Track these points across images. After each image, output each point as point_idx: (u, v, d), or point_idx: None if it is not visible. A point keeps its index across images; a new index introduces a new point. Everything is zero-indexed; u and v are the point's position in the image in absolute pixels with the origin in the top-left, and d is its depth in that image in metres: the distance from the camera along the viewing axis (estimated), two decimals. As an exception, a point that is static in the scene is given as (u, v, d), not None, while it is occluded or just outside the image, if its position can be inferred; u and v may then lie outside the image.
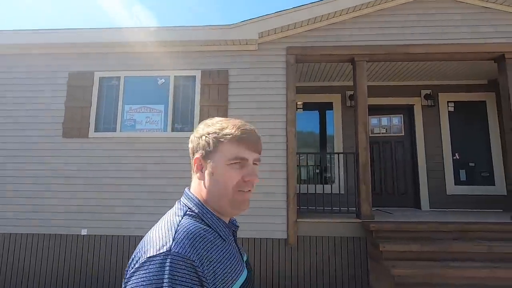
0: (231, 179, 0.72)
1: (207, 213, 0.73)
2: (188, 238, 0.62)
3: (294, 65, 4.43)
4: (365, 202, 4.15)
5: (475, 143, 5.96)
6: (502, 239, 3.50)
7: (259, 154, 0.77)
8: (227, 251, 0.70)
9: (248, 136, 0.74)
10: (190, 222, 0.68)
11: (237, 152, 0.73)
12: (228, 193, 0.72)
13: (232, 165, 0.72)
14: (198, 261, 0.59)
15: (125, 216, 4.20)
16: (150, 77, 4.56)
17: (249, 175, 0.73)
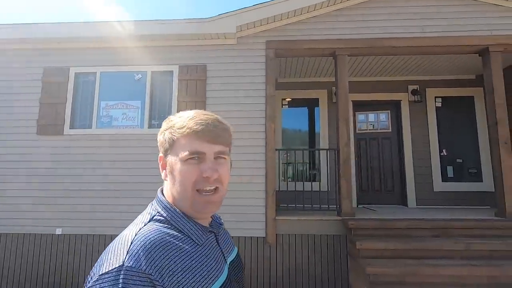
0: (188, 177, 0.66)
1: (176, 215, 0.67)
2: (145, 249, 0.56)
3: (274, 59, 4.33)
4: (345, 199, 4.06)
5: (463, 139, 5.87)
6: (482, 236, 3.42)
7: (223, 146, 0.69)
8: (200, 255, 0.64)
9: (205, 127, 0.67)
10: (151, 230, 0.62)
11: (190, 146, 0.66)
12: (187, 193, 0.67)
13: (187, 161, 0.66)
14: (156, 274, 0.54)
15: (102, 214, 4.10)
16: (126, 72, 4.45)
17: (206, 170, 0.66)
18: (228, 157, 0.72)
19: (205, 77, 4.33)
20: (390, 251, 3.27)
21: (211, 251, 0.68)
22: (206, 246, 0.68)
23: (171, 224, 0.66)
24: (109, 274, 0.52)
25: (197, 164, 0.67)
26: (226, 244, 0.77)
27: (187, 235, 0.65)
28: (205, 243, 0.68)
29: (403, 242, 3.31)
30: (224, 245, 0.75)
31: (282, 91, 6.09)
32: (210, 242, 0.70)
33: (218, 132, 0.69)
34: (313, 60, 5.18)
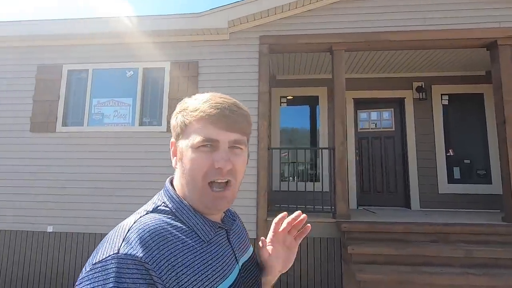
0: (198, 166, 0.59)
1: (182, 208, 0.61)
2: (143, 237, 0.51)
3: (267, 55, 4.18)
4: (340, 200, 3.89)
5: (471, 138, 5.57)
6: (484, 243, 3.19)
7: (239, 134, 0.61)
8: (205, 253, 0.58)
9: (220, 111, 0.59)
10: (153, 218, 0.57)
11: (204, 132, 0.59)
12: (197, 185, 0.60)
13: (200, 148, 0.59)
14: (153, 263, 0.49)
15: (94, 213, 4.07)
16: (118, 69, 4.40)
17: (219, 161, 0.58)
18: (245, 148, 0.64)
19: (197, 74, 4.23)
20: (384, 256, 3.08)
21: (219, 249, 0.62)
22: (214, 244, 0.62)
23: (176, 216, 0.60)
24: (102, 262, 0.48)
25: (209, 153, 0.59)
26: (239, 243, 0.71)
27: (192, 230, 0.59)
28: (213, 240, 0.62)
29: (398, 247, 3.12)
30: (236, 244, 0.69)
31: (281, 88, 5.94)
32: (219, 239, 0.64)
33: (235, 118, 0.61)
34: (311, 56, 5.00)
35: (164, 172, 4.03)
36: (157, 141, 4.14)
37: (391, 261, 3.05)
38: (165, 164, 4.05)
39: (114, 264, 0.47)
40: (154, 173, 4.04)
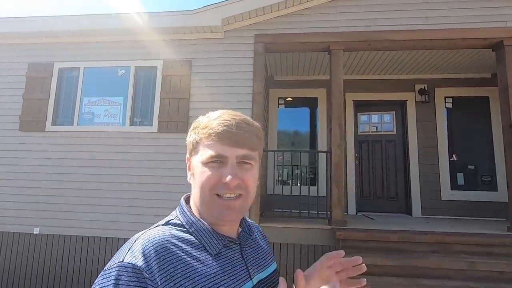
0: (207, 181, 0.62)
1: (192, 221, 0.63)
2: (144, 248, 0.55)
3: (262, 54, 4.05)
4: (336, 206, 3.71)
5: (476, 143, 5.36)
6: (488, 254, 2.99)
7: (246, 150, 0.63)
8: (210, 266, 0.58)
9: (227, 128, 0.62)
10: (160, 231, 0.60)
11: (212, 148, 0.62)
12: (205, 197, 0.62)
13: (209, 163, 0.62)
14: (150, 272, 0.52)
15: (83, 215, 3.95)
16: (110, 68, 4.29)
17: (226, 175, 0.61)
18: (255, 163, 0.65)
19: (190, 73, 4.10)
20: (378, 267, 2.90)
21: (228, 264, 0.62)
22: (223, 257, 0.62)
23: (186, 229, 0.63)
24: (109, 270, 0.53)
25: (218, 168, 0.62)
26: (256, 259, 0.69)
27: (200, 243, 0.61)
28: (222, 253, 0.62)
29: (395, 257, 2.94)
30: (252, 260, 0.68)
31: (279, 89, 5.79)
32: (230, 254, 0.64)
33: (243, 135, 0.63)
34: (309, 56, 4.85)
35: (154, 174, 3.91)
36: (148, 142, 4.02)
37: (387, 273, 2.86)
38: (155, 165, 3.93)
39: (117, 271, 0.52)
40: (145, 175, 3.92)
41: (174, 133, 3.99)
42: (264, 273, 0.69)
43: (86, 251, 3.90)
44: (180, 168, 3.88)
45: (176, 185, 3.84)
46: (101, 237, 3.89)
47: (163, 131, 4.01)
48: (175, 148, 3.95)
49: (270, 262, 0.74)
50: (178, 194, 3.81)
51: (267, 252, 0.76)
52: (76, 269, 3.88)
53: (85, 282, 3.83)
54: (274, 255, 0.81)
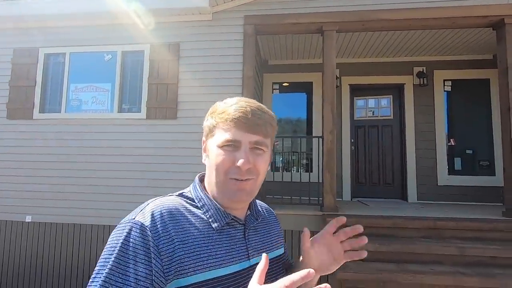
0: (221, 164, 0.66)
1: (201, 197, 0.69)
2: (153, 211, 0.62)
3: (253, 36, 3.90)
4: (328, 192, 3.66)
5: (474, 127, 5.23)
6: (480, 239, 2.94)
7: (260, 136, 0.66)
8: (209, 238, 0.64)
9: (243, 115, 0.66)
10: (170, 199, 0.67)
11: (228, 133, 0.66)
12: (220, 179, 0.67)
13: (224, 147, 0.66)
14: (155, 232, 0.59)
15: (72, 202, 3.93)
16: (97, 53, 4.17)
17: (239, 160, 0.64)
18: (267, 149, 0.69)
19: (178, 57, 3.97)
20: (370, 253, 2.84)
21: (228, 240, 0.66)
22: (225, 234, 0.67)
23: (195, 202, 0.69)
24: (124, 224, 0.61)
25: (232, 152, 0.66)
26: (260, 243, 0.73)
27: (205, 216, 0.66)
28: (224, 230, 0.67)
29: (385, 243, 2.90)
30: (254, 242, 0.72)
31: (273, 74, 5.65)
32: (233, 232, 0.68)
33: (257, 121, 0.66)
34: (302, 38, 4.69)
35: (143, 161, 3.85)
36: (137, 128, 3.94)
37: (376, 258, 2.83)
38: (144, 152, 3.87)
39: (129, 226, 0.60)
40: (134, 162, 3.86)
41: (163, 119, 3.91)
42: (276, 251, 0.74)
43: (78, 239, 3.90)
44: (170, 155, 3.82)
45: (165, 172, 3.79)
46: (92, 224, 3.89)
47: (152, 118, 3.93)
48: (164, 135, 3.88)
49: (275, 248, 0.77)
50: (167, 181, 3.78)
51: (275, 238, 0.79)
52: (69, 256, 3.89)
53: (78, 269, 3.86)
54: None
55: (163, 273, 0.57)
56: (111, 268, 0.56)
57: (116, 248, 0.57)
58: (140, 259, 0.56)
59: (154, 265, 0.56)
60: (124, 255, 0.57)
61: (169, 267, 0.57)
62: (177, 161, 3.78)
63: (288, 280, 0.48)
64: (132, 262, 0.56)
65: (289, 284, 0.47)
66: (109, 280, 0.55)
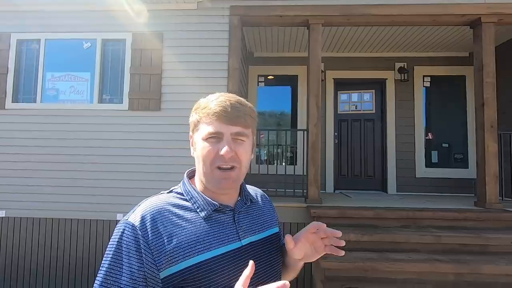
0: (206, 154, 0.72)
1: (188, 191, 0.76)
2: (143, 211, 0.69)
3: (238, 27, 3.85)
4: (312, 185, 3.73)
5: (451, 122, 5.47)
6: (454, 228, 3.10)
7: (240, 127, 0.73)
8: (198, 226, 0.70)
9: (223, 109, 0.72)
10: (160, 197, 0.74)
11: (210, 126, 0.72)
12: (207, 169, 0.73)
13: (208, 139, 0.72)
14: (144, 230, 0.66)
15: (48, 197, 3.78)
16: (74, 40, 3.98)
17: (222, 149, 0.70)
18: (248, 139, 0.75)
19: (161, 47, 3.87)
20: (352, 243, 2.96)
21: (218, 226, 0.72)
22: (213, 221, 0.72)
23: (184, 196, 0.75)
24: (119, 225, 0.69)
25: (215, 143, 0.72)
26: (251, 224, 0.79)
27: (193, 207, 0.73)
28: (213, 217, 0.73)
29: (366, 233, 3.00)
30: (245, 224, 0.77)
31: (259, 66, 5.62)
32: (222, 218, 0.74)
33: (236, 114, 0.72)
34: (288, 31, 4.68)
35: (125, 153, 3.75)
36: (119, 120, 3.82)
37: (358, 248, 2.92)
38: (127, 145, 3.77)
39: (123, 227, 0.67)
40: (115, 155, 3.76)
41: (146, 111, 3.81)
42: (257, 237, 0.78)
43: (57, 234, 3.77)
44: (154, 148, 3.74)
45: (149, 164, 3.71)
46: (72, 219, 3.76)
47: (134, 109, 3.82)
48: (148, 126, 3.78)
49: (267, 227, 0.83)
50: (151, 174, 3.71)
51: (267, 219, 0.85)
52: (47, 251, 3.76)
53: (50, 264, 3.74)
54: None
55: (154, 265, 0.64)
56: (110, 263, 0.65)
57: (113, 246, 0.66)
58: (133, 254, 0.64)
59: (144, 259, 0.64)
60: (119, 252, 0.65)
61: (160, 259, 0.64)
62: (161, 154, 3.71)
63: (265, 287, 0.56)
64: (126, 257, 0.64)
65: None
66: (109, 273, 0.64)
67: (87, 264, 3.70)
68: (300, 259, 0.78)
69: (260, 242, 0.78)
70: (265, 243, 0.80)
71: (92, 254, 3.71)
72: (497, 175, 3.58)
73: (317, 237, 0.75)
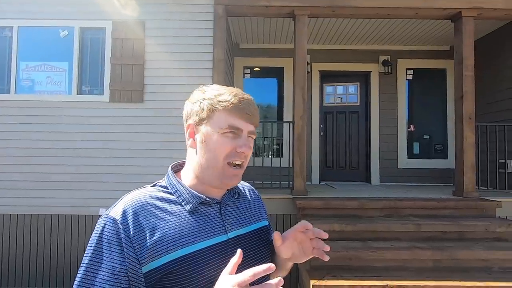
0: (222, 148, 0.70)
1: (173, 184, 0.74)
2: (124, 205, 0.67)
3: (223, 17, 3.77)
4: (298, 176, 3.76)
5: (432, 114, 5.63)
6: (434, 216, 3.22)
7: (254, 126, 0.73)
8: (182, 219, 0.69)
9: (245, 106, 0.71)
10: (143, 191, 0.72)
11: (231, 121, 0.70)
12: (218, 163, 0.70)
13: (225, 133, 0.70)
14: (125, 224, 0.64)
15: (24, 192, 3.63)
16: (50, 28, 3.79)
17: (242, 146, 0.70)
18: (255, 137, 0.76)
19: (144, 36, 3.74)
20: (337, 233, 3.01)
21: (203, 219, 0.71)
22: (198, 214, 0.71)
23: (169, 189, 0.74)
24: (101, 219, 0.67)
25: (233, 139, 0.71)
26: (238, 217, 0.79)
27: (178, 200, 0.72)
28: (199, 210, 0.72)
29: (350, 223, 3.06)
30: (231, 218, 0.77)
31: (245, 58, 5.56)
32: (207, 211, 0.73)
33: (254, 112, 0.73)
34: (274, 22, 4.63)
35: (106, 147, 3.64)
36: (99, 112, 3.70)
37: (342, 237, 2.98)
38: (108, 138, 3.66)
39: (104, 221, 0.66)
40: (96, 148, 3.64)
41: (129, 102, 3.70)
42: (244, 230, 0.77)
43: (30, 230, 3.65)
44: (136, 140, 3.65)
45: (131, 158, 3.62)
46: (38, 214, 3.62)
47: (116, 101, 3.70)
48: (130, 119, 3.68)
49: (255, 221, 0.83)
50: (133, 167, 3.62)
51: (255, 212, 0.84)
52: (26, 248, 3.63)
53: (30, 260, 3.62)
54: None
55: (136, 259, 0.62)
56: (90, 259, 0.63)
57: (94, 241, 0.65)
58: (115, 249, 0.63)
59: (126, 253, 0.62)
60: (100, 247, 0.64)
61: (142, 253, 0.63)
62: (144, 146, 3.63)
63: (252, 271, 0.55)
64: (107, 252, 0.63)
65: (252, 274, 0.55)
66: (89, 268, 0.63)
67: (69, 261, 3.61)
68: (288, 258, 0.78)
69: (247, 235, 0.78)
70: (252, 236, 0.79)
71: (74, 250, 3.61)
72: (474, 165, 3.72)
73: (305, 237, 0.75)
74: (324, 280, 2.43)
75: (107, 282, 0.60)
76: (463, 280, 2.42)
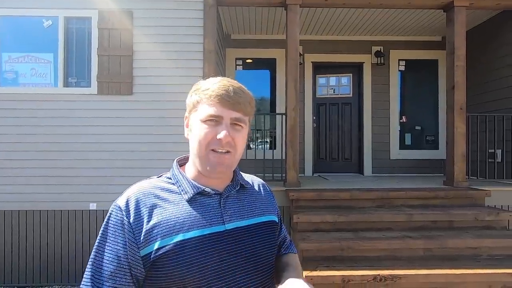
0: (203, 137, 0.72)
1: (175, 175, 0.78)
2: (129, 194, 0.73)
3: (214, 6, 3.67)
4: (291, 168, 3.74)
5: (423, 105, 5.65)
6: (425, 206, 3.25)
7: (240, 114, 0.74)
8: (180, 208, 0.72)
9: (226, 93, 0.72)
10: (148, 181, 0.77)
11: (211, 109, 0.72)
12: (201, 151, 0.73)
13: (206, 122, 0.72)
14: (127, 211, 0.70)
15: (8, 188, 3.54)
16: (33, 17, 3.64)
17: (220, 133, 0.71)
18: (246, 126, 0.77)
19: (132, 26, 3.63)
20: (329, 224, 3.02)
21: (201, 208, 0.73)
22: (197, 203, 0.74)
23: (171, 180, 0.78)
24: (111, 207, 0.74)
25: (214, 126, 0.72)
26: (240, 209, 0.79)
27: (179, 190, 0.75)
28: (197, 200, 0.74)
29: (343, 214, 3.07)
30: (232, 210, 0.77)
31: (236, 49, 5.47)
32: (207, 201, 0.75)
33: (238, 100, 0.73)
34: (266, 11, 4.55)
35: (94, 140, 3.56)
36: (87, 105, 3.60)
37: (335, 228, 3.00)
38: (96, 131, 3.57)
39: (112, 209, 0.73)
40: (84, 142, 3.55)
41: (117, 95, 3.61)
42: (244, 222, 0.77)
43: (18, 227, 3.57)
44: (125, 134, 3.58)
45: (121, 151, 3.55)
46: (27, 210, 3.55)
47: (104, 93, 3.60)
48: (119, 112, 3.59)
49: (259, 214, 0.82)
50: (122, 161, 3.55)
51: (261, 206, 0.84)
52: (14, 243, 3.56)
53: (19, 255, 3.56)
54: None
55: (135, 243, 0.68)
56: (99, 243, 0.71)
57: (103, 227, 0.72)
58: (118, 234, 0.69)
59: (127, 238, 0.68)
60: (106, 231, 0.71)
61: (139, 237, 0.68)
62: (133, 140, 3.55)
63: None
64: (112, 236, 0.70)
65: None
66: (98, 249, 0.70)
67: (59, 256, 3.55)
68: None
69: (247, 228, 0.78)
70: (252, 229, 0.78)
71: (65, 244, 3.56)
72: (464, 155, 3.76)
73: None
74: (317, 271, 2.44)
75: (112, 263, 0.68)
76: (453, 268, 2.46)
